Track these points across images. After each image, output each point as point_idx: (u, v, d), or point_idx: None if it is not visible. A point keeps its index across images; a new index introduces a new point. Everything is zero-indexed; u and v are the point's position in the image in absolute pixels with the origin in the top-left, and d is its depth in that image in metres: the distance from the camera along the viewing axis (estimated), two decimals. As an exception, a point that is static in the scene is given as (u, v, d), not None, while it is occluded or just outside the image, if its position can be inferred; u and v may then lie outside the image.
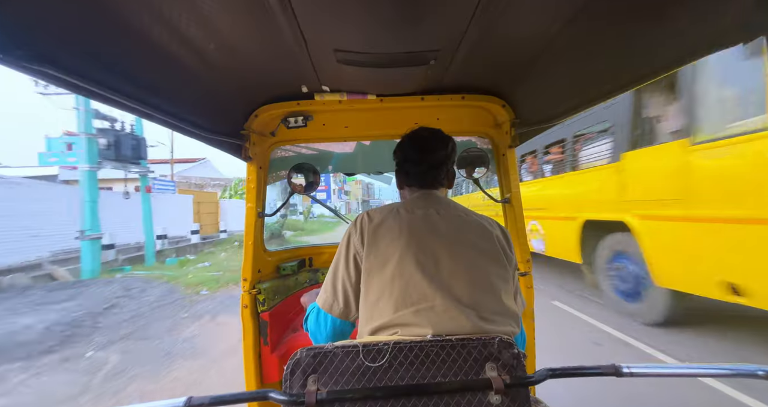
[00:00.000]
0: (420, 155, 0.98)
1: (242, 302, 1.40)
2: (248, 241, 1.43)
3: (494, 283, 0.81)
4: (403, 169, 1.02)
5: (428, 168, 0.97)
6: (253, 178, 1.46)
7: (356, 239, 0.88)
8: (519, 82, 1.24)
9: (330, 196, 34.62)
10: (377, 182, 19.65)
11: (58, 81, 0.68)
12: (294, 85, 1.25)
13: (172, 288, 6.33)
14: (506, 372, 0.67)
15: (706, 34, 0.73)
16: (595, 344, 3.52)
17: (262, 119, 1.40)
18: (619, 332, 3.77)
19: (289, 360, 0.67)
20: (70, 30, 0.66)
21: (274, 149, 1.55)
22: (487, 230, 0.88)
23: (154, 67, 0.87)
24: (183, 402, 0.59)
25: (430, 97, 1.36)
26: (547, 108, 1.33)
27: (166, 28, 0.75)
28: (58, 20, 0.63)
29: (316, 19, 0.79)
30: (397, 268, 0.80)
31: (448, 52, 0.99)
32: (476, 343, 0.69)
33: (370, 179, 30.45)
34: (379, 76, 1.18)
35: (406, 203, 0.94)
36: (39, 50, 0.62)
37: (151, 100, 0.92)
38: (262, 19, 0.76)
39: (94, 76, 0.74)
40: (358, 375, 0.66)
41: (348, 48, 0.93)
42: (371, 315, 0.80)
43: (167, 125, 1.04)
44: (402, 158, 1.02)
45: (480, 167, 1.46)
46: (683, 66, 0.83)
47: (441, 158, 0.97)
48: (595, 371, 0.68)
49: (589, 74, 1.03)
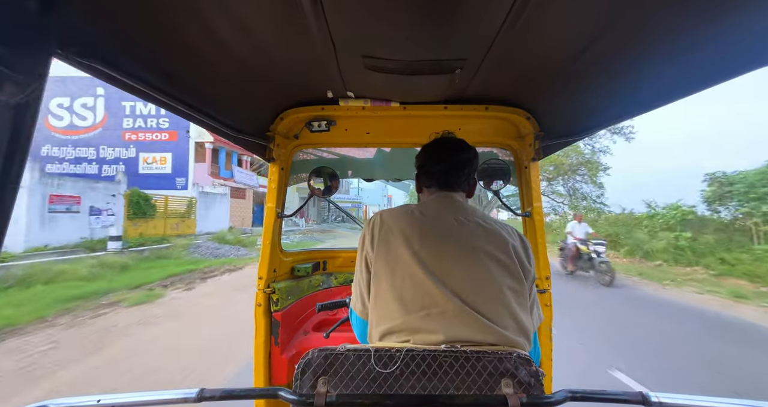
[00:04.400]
0: (443, 154, 0.99)
1: (256, 300, 1.41)
2: (266, 240, 1.45)
3: (506, 294, 0.78)
4: (423, 169, 1.02)
5: (449, 167, 0.97)
6: (275, 178, 1.49)
7: (368, 240, 0.88)
8: (544, 95, 1.23)
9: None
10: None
11: (104, 76, 0.72)
12: (320, 90, 1.28)
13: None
14: (522, 390, 0.64)
15: (744, 51, 0.71)
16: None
17: (288, 122, 1.43)
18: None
19: (300, 359, 0.67)
20: (118, 30, 0.71)
21: (297, 151, 1.59)
22: (505, 240, 0.85)
23: (191, 68, 0.91)
24: (195, 392, 0.60)
25: (453, 107, 1.36)
26: (572, 123, 1.30)
27: (203, 30, 0.78)
28: (108, 19, 0.67)
29: (346, 25, 0.81)
30: (407, 270, 0.79)
31: (474, 62, 0.99)
32: (492, 357, 0.66)
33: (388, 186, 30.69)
34: (404, 84, 1.19)
35: (421, 205, 0.93)
36: (91, 47, 0.67)
37: (186, 98, 0.96)
38: (295, 25, 0.79)
39: (137, 73, 0.78)
40: (368, 380, 0.65)
41: (376, 55, 0.95)
42: (381, 317, 0.79)
43: (199, 123, 1.08)
44: (424, 159, 1.02)
45: (501, 179, 1.44)
46: (713, 86, 0.81)
47: (463, 159, 0.98)
48: (620, 397, 0.64)
49: (615, 92, 1.01)
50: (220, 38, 0.82)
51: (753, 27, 0.64)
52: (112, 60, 0.71)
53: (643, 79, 0.92)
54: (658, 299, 6.97)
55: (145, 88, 0.81)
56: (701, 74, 0.81)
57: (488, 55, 0.94)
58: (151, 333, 4.22)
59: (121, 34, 0.72)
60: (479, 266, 0.80)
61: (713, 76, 0.80)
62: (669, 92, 0.92)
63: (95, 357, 3.50)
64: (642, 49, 0.80)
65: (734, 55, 0.73)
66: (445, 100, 1.35)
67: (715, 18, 0.64)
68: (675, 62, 0.79)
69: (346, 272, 1.87)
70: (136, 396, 0.59)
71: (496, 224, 0.89)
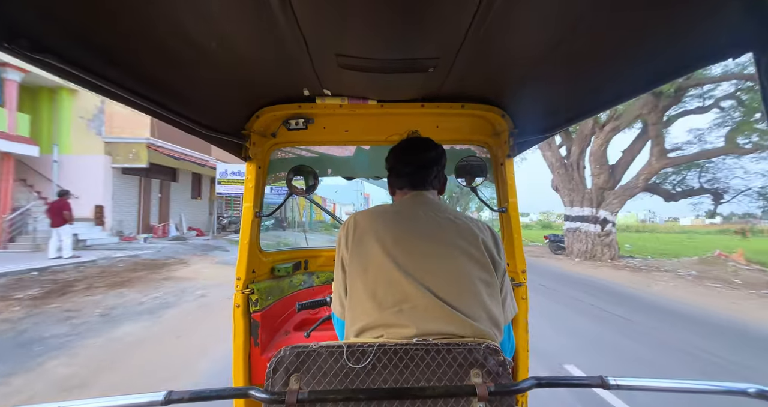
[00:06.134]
0: (409, 156, 1.02)
1: (234, 301, 1.39)
2: (244, 240, 1.43)
3: (477, 286, 0.81)
4: (393, 172, 1.05)
5: (417, 168, 1.00)
6: (252, 178, 1.47)
7: (343, 242, 0.90)
8: (518, 93, 1.26)
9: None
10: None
11: (61, 72, 0.70)
12: (296, 88, 1.27)
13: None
14: (491, 379, 0.66)
15: (697, 48, 0.75)
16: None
17: (264, 120, 1.41)
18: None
19: (272, 357, 0.67)
20: (76, 23, 0.68)
21: (275, 150, 1.57)
22: (475, 234, 0.88)
23: (158, 64, 0.89)
24: (162, 396, 0.59)
25: (430, 105, 1.37)
26: (546, 118, 1.34)
27: (171, 27, 0.77)
28: (64, 12, 0.65)
29: (317, 23, 0.81)
30: (380, 269, 0.81)
31: (447, 60, 1.00)
32: (462, 348, 0.68)
33: (369, 183, 29.78)
34: (380, 82, 1.20)
35: (395, 205, 0.96)
36: (44, 41, 0.64)
37: (153, 96, 0.94)
38: (264, 22, 0.78)
39: (98, 69, 0.76)
40: (341, 375, 0.65)
41: (349, 53, 0.95)
42: (356, 315, 0.80)
43: (169, 122, 1.06)
44: (393, 162, 1.05)
45: (479, 176, 1.47)
46: (679, 78, 0.86)
47: (430, 158, 1.01)
48: (582, 382, 0.68)
49: (587, 86, 1.04)
50: (187, 33, 0.81)
51: (710, 23, 0.67)
52: (69, 55, 0.69)
53: (608, 74, 0.95)
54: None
55: (109, 86, 0.79)
56: (658, 71, 0.85)
57: (460, 54, 0.95)
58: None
59: (78, 29, 0.69)
60: (451, 261, 0.82)
61: (669, 73, 0.84)
62: (631, 89, 0.96)
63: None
64: (606, 47, 0.84)
65: (690, 51, 0.77)
66: (422, 98, 1.36)
67: (674, 14, 0.68)
68: (643, 54, 0.83)
69: (327, 271, 1.86)
70: (99, 401, 0.58)
71: (467, 219, 0.92)
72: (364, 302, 0.80)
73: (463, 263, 0.82)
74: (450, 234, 0.86)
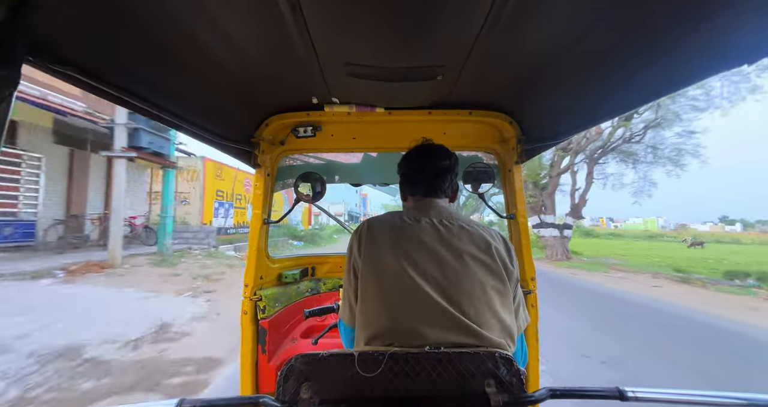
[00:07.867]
0: (424, 163, 1.00)
1: (242, 308, 1.39)
2: (252, 247, 1.43)
3: (490, 295, 0.80)
4: (406, 178, 1.03)
5: (432, 176, 0.98)
6: (261, 185, 1.48)
7: (355, 248, 0.89)
8: (526, 99, 1.26)
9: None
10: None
11: (83, 85, 0.71)
12: (305, 96, 1.28)
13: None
14: (505, 389, 0.65)
15: (712, 54, 0.73)
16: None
17: (273, 128, 1.43)
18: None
19: (283, 366, 0.66)
20: (97, 37, 0.70)
21: (283, 157, 1.58)
22: (488, 242, 0.87)
23: (170, 74, 0.91)
24: (174, 404, 0.59)
25: (437, 112, 1.38)
26: (554, 125, 1.33)
27: (183, 37, 0.78)
28: (86, 27, 0.67)
29: (327, 33, 0.82)
30: (393, 275, 0.80)
31: (455, 68, 1.01)
32: (474, 358, 0.67)
33: (376, 191, 29.53)
34: (388, 90, 1.21)
35: (407, 212, 0.94)
36: (65, 54, 0.66)
37: (166, 105, 0.96)
38: (275, 32, 0.79)
39: (114, 79, 0.78)
40: (351, 384, 0.65)
41: (358, 62, 0.96)
42: (367, 321, 0.80)
43: (181, 130, 1.07)
44: (406, 168, 1.03)
45: (486, 182, 1.46)
46: (691, 85, 0.84)
47: (444, 166, 0.99)
48: (598, 393, 0.66)
49: (595, 93, 1.03)
50: (200, 45, 0.82)
51: (726, 28, 0.66)
52: (89, 68, 0.71)
53: (619, 81, 0.94)
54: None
55: (126, 97, 0.81)
56: (675, 75, 0.84)
57: (468, 62, 0.96)
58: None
59: (98, 42, 0.71)
60: (464, 269, 0.81)
61: (686, 77, 0.82)
62: (644, 94, 0.94)
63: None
64: (616, 53, 0.83)
65: (708, 55, 0.75)
66: (429, 105, 1.37)
67: (689, 19, 0.66)
68: (649, 64, 0.82)
69: (335, 277, 1.86)
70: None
71: (479, 228, 0.91)
72: (376, 309, 0.79)
73: (477, 272, 0.81)
74: (463, 242, 0.85)
